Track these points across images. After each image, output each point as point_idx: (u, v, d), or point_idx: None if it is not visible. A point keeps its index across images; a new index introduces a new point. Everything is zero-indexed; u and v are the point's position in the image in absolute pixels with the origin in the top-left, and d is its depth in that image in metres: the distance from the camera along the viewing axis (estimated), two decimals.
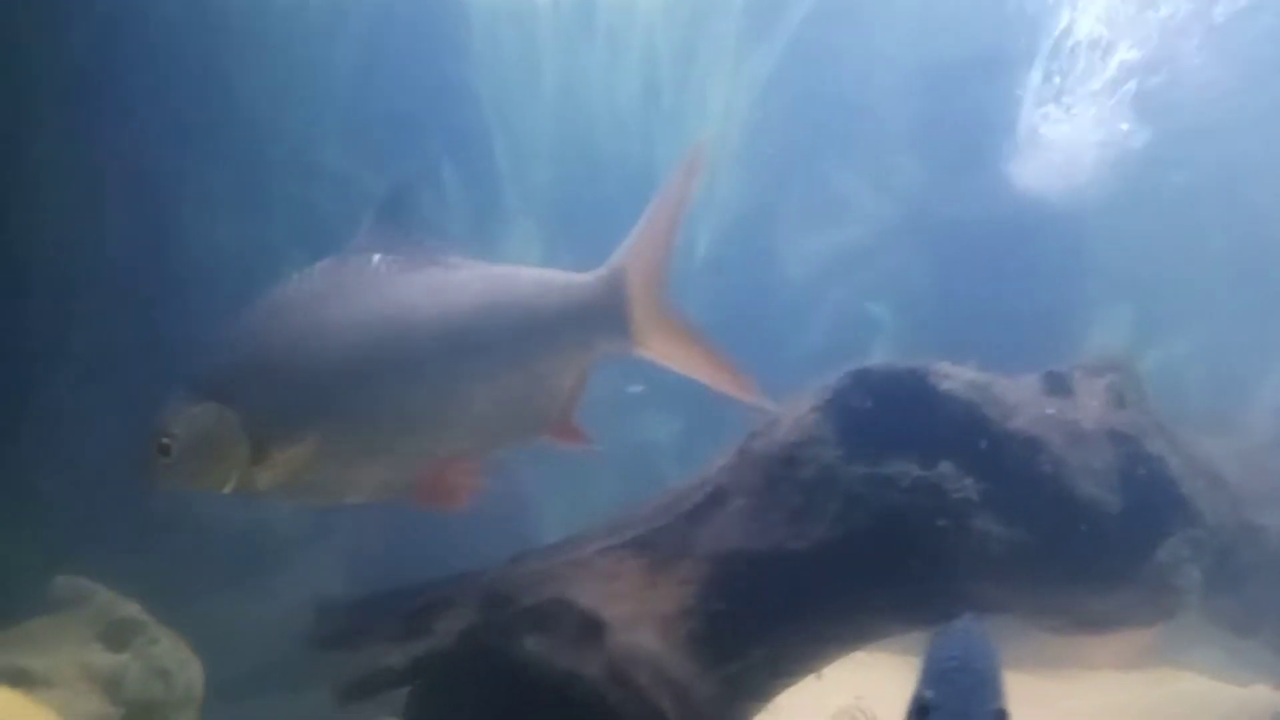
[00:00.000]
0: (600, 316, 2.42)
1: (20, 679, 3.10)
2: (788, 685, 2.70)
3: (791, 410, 2.82)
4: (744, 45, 4.45)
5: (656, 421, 4.58)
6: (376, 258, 2.31)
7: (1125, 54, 4.26)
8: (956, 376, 2.65)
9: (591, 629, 2.52)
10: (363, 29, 4.40)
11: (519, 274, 2.43)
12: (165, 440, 2.15)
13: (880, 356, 3.36)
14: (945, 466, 2.50)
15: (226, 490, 2.16)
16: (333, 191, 4.40)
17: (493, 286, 2.36)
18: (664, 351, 2.48)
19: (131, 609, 3.50)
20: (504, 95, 4.42)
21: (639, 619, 2.57)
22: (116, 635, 3.40)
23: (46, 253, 4.02)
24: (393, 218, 2.34)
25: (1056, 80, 4.14)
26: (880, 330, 4.42)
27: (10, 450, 3.90)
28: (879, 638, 2.66)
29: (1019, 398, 2.68)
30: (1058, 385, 2.72)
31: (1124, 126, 4.30)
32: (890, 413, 2.65)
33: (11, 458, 3.90)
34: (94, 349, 4.09)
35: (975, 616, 2.31)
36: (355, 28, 4.42)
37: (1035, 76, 4.22)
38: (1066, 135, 4.17)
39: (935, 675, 2.12)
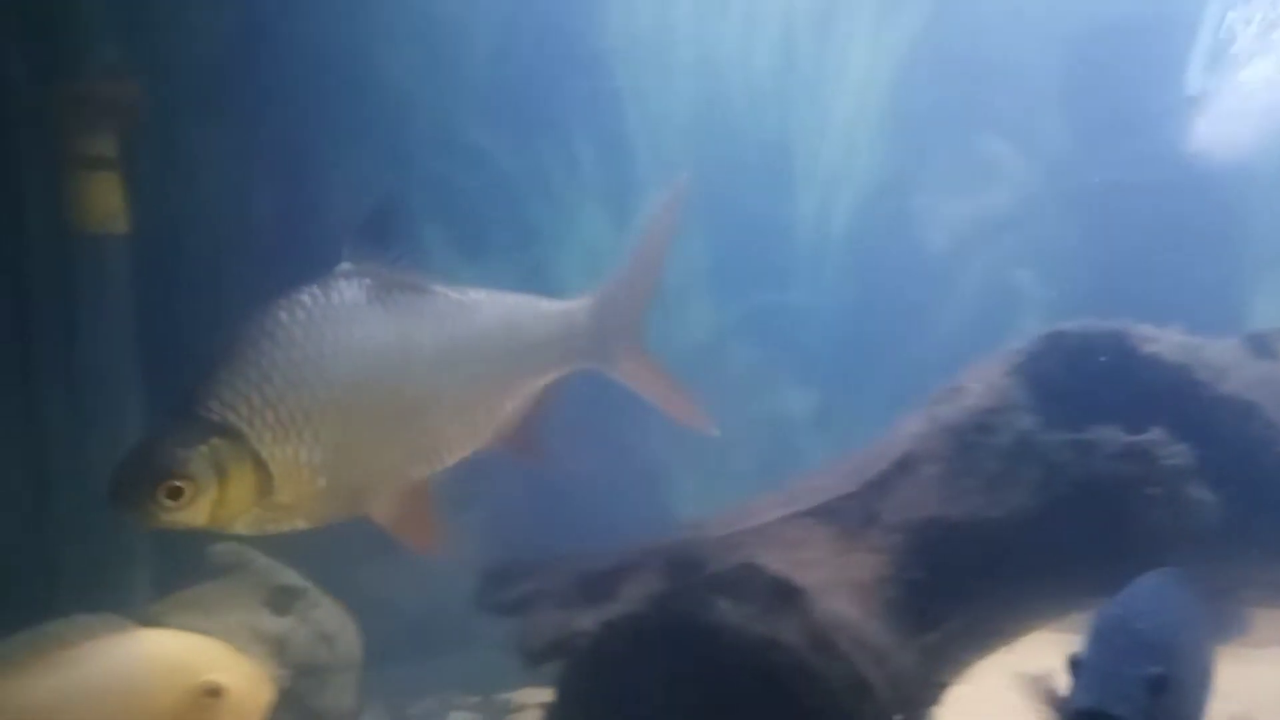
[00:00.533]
0: (579, 344, 2.53)
1: None
2: (983, 656, 2.64)
3: (980, 375, 2.76)
4: (884, 10, 4.34)
5: (792, 394, 4.50)
6: (362, 283, 2.23)
7: None
8: (1162, 339, 2.56)
9: (786, 595, 2.49)
10: (500, 4, 4.39)
11: (504, 300, 2.49)
12: (177, 484, 1.97)
13: (1028, 327, 3.25)
14: (1156, 432, 2.41)
15: (233, 529, 2.08)
16: (470, 168, 4.39)
17: (481, 314, 2.41)
18: (631, 376, 2.60)
19: (290, 575, 3.54)
20: (638, 67, 4.36)
21: (834, 586, 2.54)
22: (280, 600, 3.44)
23: (199, 234, 4.08)
24: (373, 240, 2.27)
25: (1221, 41, 3.96)
26: (1026, 300, 4.29)
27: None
28: (1079, 609, 2.57)
29: (1226, 361, 2.58)
30: (1262, 348, 2.61)
31: None
32: (1088, 377, 2.58)
33: None
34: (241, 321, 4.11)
35: (1164, 576, 2.21)
36: (492, 3, 4.40)
37: (1197, 38, 4.05)
38: (1229, 99, 4.00)
39: (1093, 634, 2.07)
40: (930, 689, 2.55)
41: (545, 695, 4.02)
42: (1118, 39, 4.23)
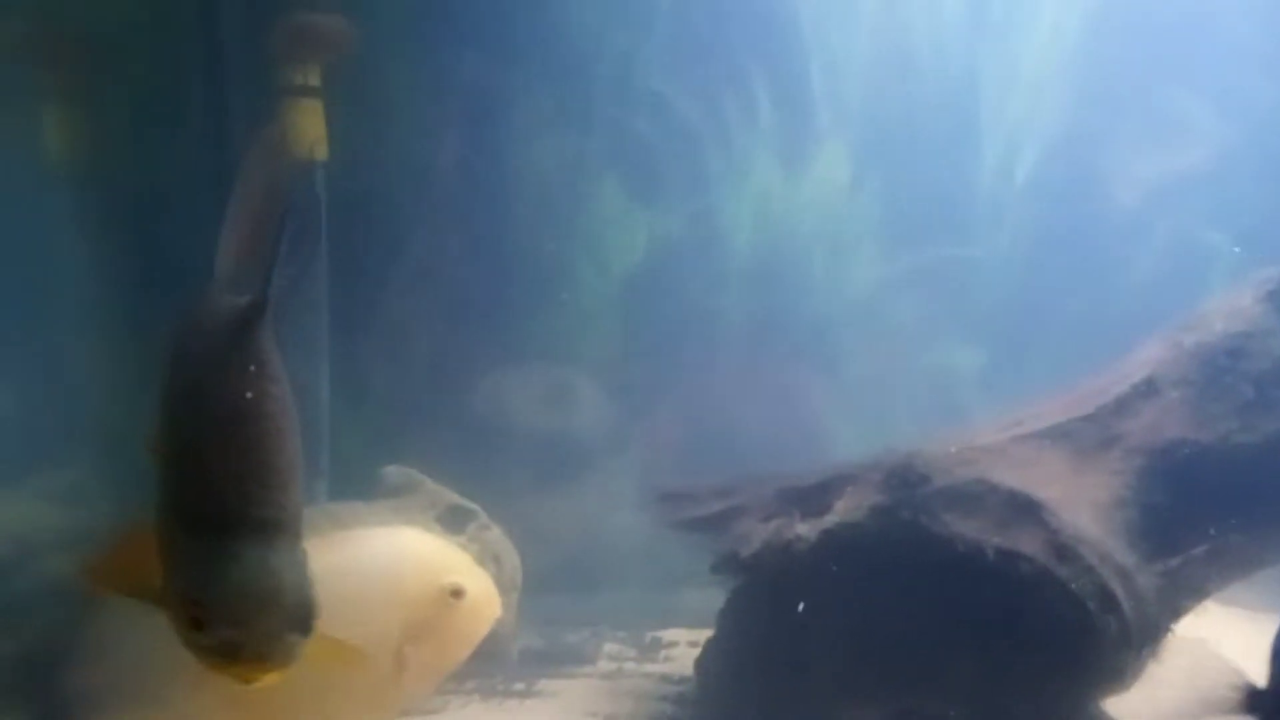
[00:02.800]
0: None
1: None
2: (1227, 584, 2.49)
3: (1226, 303, 2.62)
4: None
5: (958, 349, 4.30)
6: None
7: None
8: None
9: (1024, 508, 2.44)
10: None
11: None
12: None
13: (1218, 289, 3.01)
14: None
15: None
16: (650, 114, 4.33)
17: None
18: None
19: (457, 498, 3.58)
20: (821, 14, 4.19)
21: (1071, 503, 2.49)
22: (452, 519, 3.49)
23: (389, 168, 4.14)
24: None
25: None
26: (1217, 260, 3.97)
27: (352, 347, 4.03)
28: None
29: None
30: None
31: None
32: None
33: (353, 354, 4.03)
34: (424, 255, 4.17)
35: None
36: None
37: None
38: None
39: None
40: (1169, 615, 2.42)
41: (693, 635, 4.06)
42: None
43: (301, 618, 1.49)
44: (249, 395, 1.58)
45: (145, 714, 2.08)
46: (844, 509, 2.60)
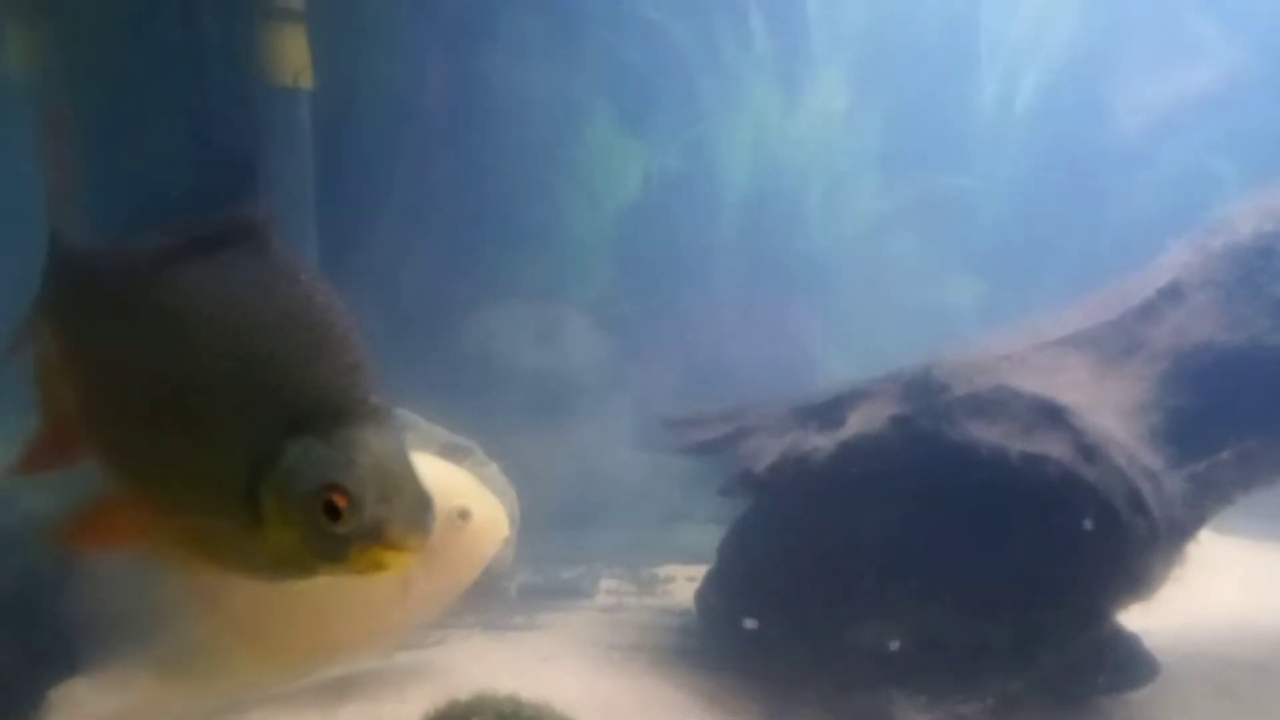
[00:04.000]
0: None
1: None
2: (1253, 488, 2.38)
3: (1254, 203, 2.47)
4: None
5: (957, 281, 4.16)
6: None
7: None
8: None
9: (1048, 413, 2.36)
10: None
11: None
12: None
13: (1221, 217, 2.88)
14: None
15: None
16: (641, 41, 4.14)
17: None
18: None
19: (455, 436, 3.46)
20: None
21: (1095, 408, 2.40)
22: (449, 455, 3.35)
23: (372, 94, 3.95)
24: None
25: None
26: (1223, 188, 3.83)
27: (337, 282, 3.86)
28: None
29: None
30: None
31: None
32: None
33: (338, 289, 3.86)
34: (412, 187, 4.00)
35: None
36: None
37: None
38: None
39: None
40: (1195, 520, 2.31)
41: (689, 570, 3.96)
42: None
43: (429, 492, 1.44)
44: (322, 292, 1.51)
45: (150, 644, 2.00)
46: (861, 421, 2.49)
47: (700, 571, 3.21)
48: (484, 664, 2.80)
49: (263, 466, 1.43)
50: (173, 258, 1.56)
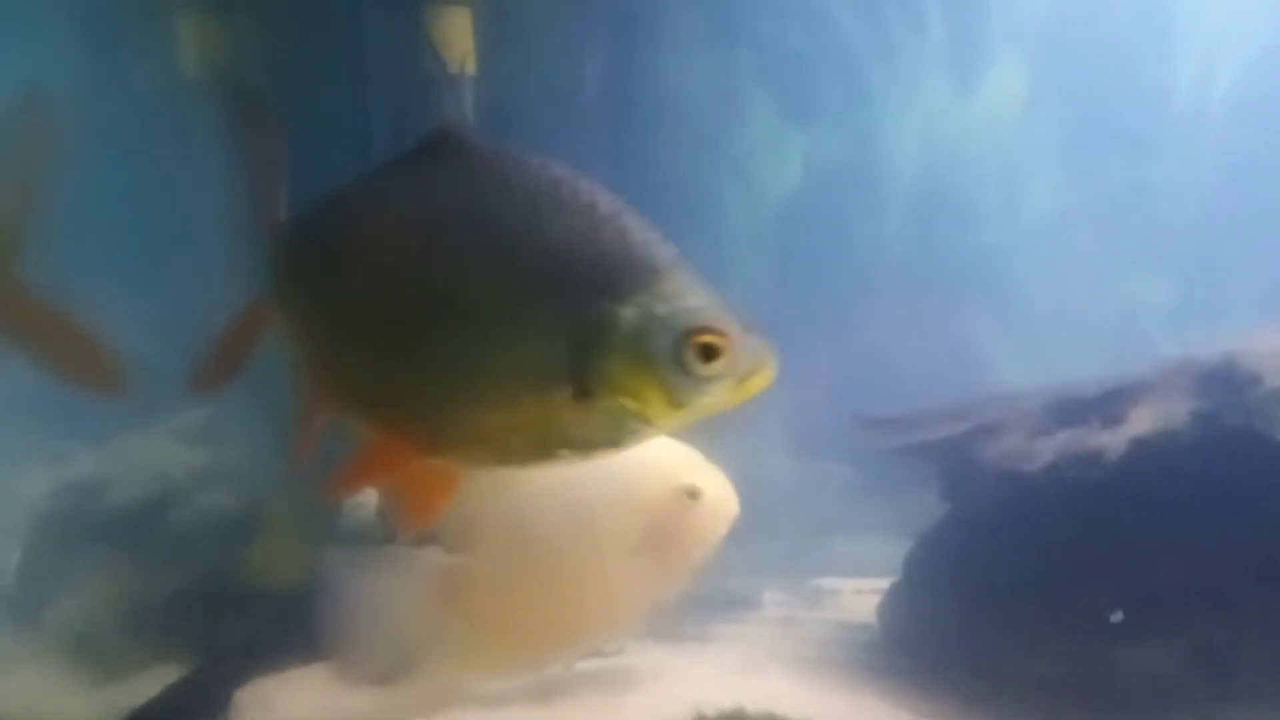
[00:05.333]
0: None
1: None
2: None
3: None
4: None
5: (1146, 282, 3.84)
6: None
7: None
8: None
9: None
10: None
11: None
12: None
13: None
14: None
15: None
16: (805, 29, 3.93)
17: None
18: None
19: None
20: None
21: None
22: None
23: (534, 84, 3.78)
24: None
25: None
26: None
27: None
28: None
29: None
30: None
31: None
32: None
33: None
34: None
35: None
36: None
37: None
38: None
39: None
40: None
41: (854, 583, 3.74)
42: None
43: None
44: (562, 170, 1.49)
45: (389, 637, 1.93)
46: (1151, 417, 2.16)
47: (866, 584, 3.05)
48: (681, 674, 2.58)
49: (595, 337, 1.41)
50: (392, 182, 1.53)
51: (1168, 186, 3.77)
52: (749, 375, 1.42)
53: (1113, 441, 2.14)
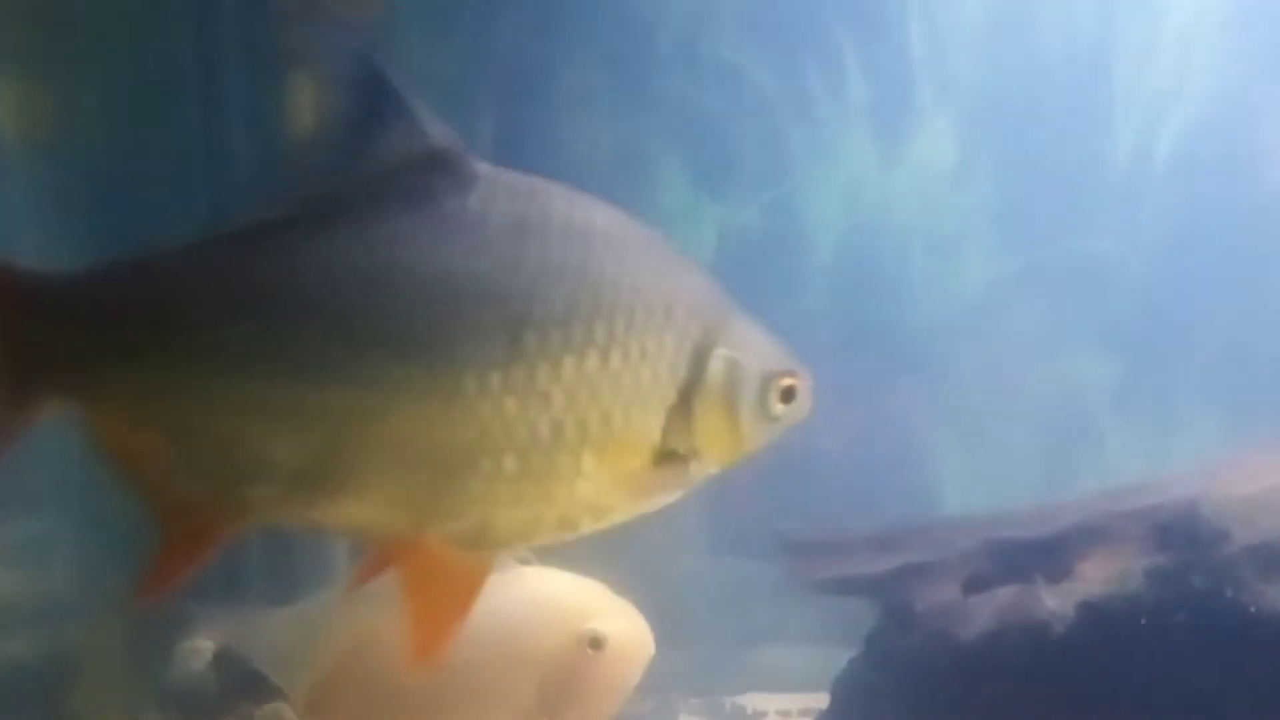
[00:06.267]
0: None
1: None
2: None
3: None
4: None
5: (1088, 360, 3.57)
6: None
7: None
8: None
9: None
10: None
11: None
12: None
13: None
14: None
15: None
16: (720, 87, 3.61)
17: None
18: None
19: None
20: None
21: None
22: (503, 567, 2.80)
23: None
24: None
25: None
26: None
27: None
28: None
29: None
30: None
31: None
32: None
33: None
34: None
35: None
36: None
37: None
38: None
39: None
40: None
41: (781, 701, 3.41)
42: None
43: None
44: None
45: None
46: (1102, 573, 1.94)
47: (794, 704, 2.92)
48: None
49: (681, 395, 1.34)
50: (371, 219, 1.22)
51: (1108, 258, 3.51)
52: (805, 406, 1.42)
53: (1059, 608, 1.92)
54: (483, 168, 1.28)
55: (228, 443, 1.17)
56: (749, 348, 1.37)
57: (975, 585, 2.06)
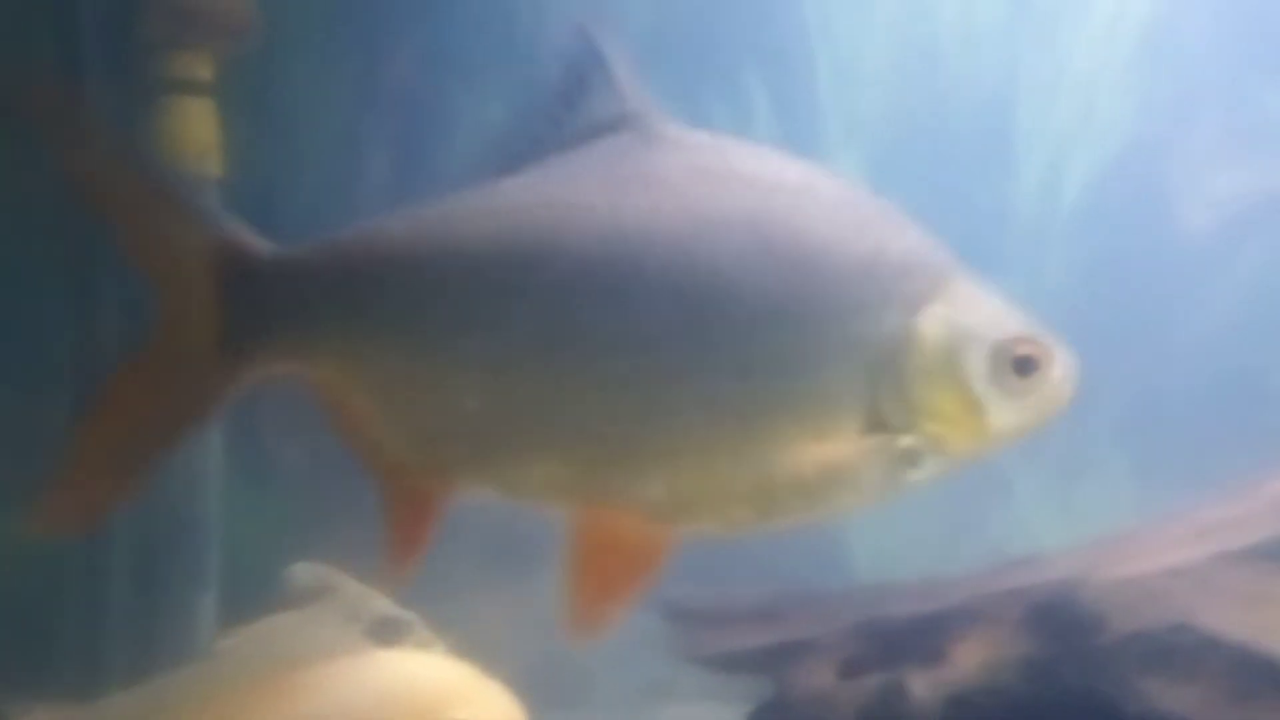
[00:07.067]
0: None
1: None
2: None
3: None
4: None
5: None
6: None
7: None
8: None
9: (1267, 674, 1.64)
10: None
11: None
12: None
13: None
14: None
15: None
16: None
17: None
18: None
19: (388, 604, 2.70)
20: (831, 4, 3.41)
21: None
22: (381, 635, 2.59)
23: (299, 191, 3.26)
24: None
25: None
26: None
27: (249, 413, 3.11)
28: None
29: None
30: None
31: None
32: None
33: (250, 422, 3.11)
34: None
35: None
36: None
37: None
38: None
39: None
40: None
41: None
42: None
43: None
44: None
45: None
46: (974, 660, 1.78)
47: None
48: None
49: (892, 358, 1.22)
50: (555, 184, 1.24)
51: (1014, 299, 3.44)
52: (1061, 388, 1.29)
53: (927, 700, 1.75)
54: (671, 129, 1.31)
55: (432, 405, 1.23)
56: (973, 309, 1.28)
57: (850, 668, 1.91)
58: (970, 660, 1.81)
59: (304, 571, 2.69)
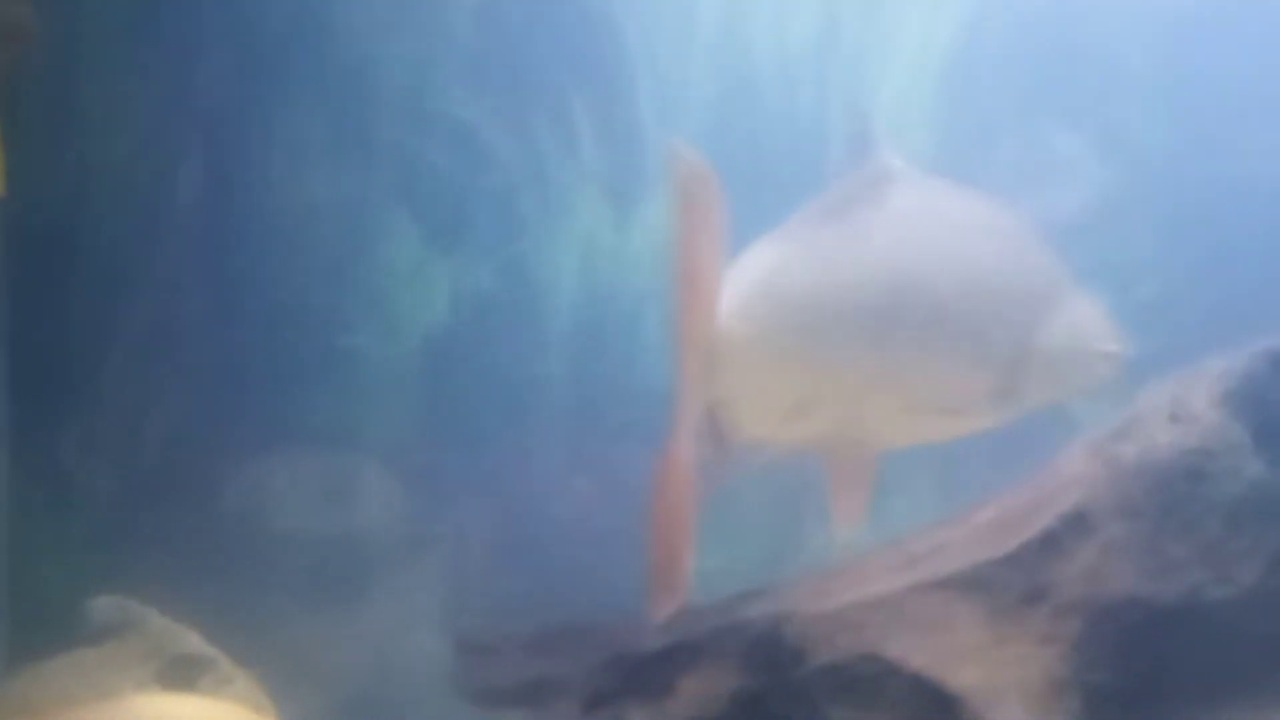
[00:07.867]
0: None
1: None
2: None
3: (1168, 403, 1.84)
4: None
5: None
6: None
7: None
8: None
9: (935, 702, 1.73)
10: None
11: None
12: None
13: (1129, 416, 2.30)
14: None
15: None
16: (446, 141, 3.41)
17: None
18: None
19: (193, 640, 2.57)
20: (651, 33, 3.38)
21: (997, 691, 1.75)
22: (180, 673, 2.48)
23: (96, 208, 3.08)
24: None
25: None
26: None
27: (46, 434, 2.91)
28: None
29: None
30: None
31: None
32: None
33: (48, 443, 2.92)
34: (152, 323, 3.11)
35: None
36: None
37: None
38: None
39: None
40: None
41: None
42: (1236, 17, 3.35)
43: None
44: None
45: None
46: (694, 694, 1.85)
47: None
48: None
49: (1023, 362, 1.86)
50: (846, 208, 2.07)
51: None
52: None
53: None
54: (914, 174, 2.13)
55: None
56: (1083, 327, 1.92)
57: (594, 702, 1.93)
58: (692, 693, 1.86)
59: (106, 605, 2.55)
